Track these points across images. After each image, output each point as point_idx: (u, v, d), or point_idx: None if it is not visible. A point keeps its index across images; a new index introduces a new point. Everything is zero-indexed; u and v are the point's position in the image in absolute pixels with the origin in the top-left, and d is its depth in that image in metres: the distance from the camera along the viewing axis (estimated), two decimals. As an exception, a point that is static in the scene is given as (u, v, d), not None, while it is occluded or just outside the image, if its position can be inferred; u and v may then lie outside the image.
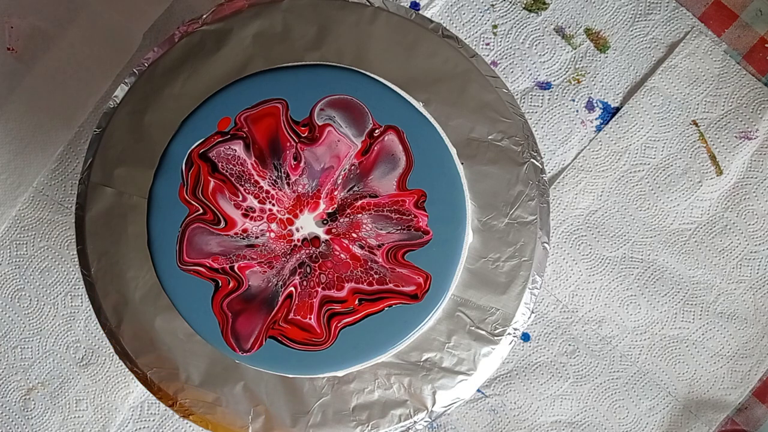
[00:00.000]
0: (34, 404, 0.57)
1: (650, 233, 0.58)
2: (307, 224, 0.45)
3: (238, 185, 0.45)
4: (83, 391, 0.58)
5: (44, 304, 0.58)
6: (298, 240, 0.45)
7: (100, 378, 0.58)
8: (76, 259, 0.47)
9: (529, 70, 0.58)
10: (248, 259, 0.45)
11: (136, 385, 0.57)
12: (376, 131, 0.46)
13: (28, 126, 0.59)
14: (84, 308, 0.58)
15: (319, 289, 0.45)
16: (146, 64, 0.47)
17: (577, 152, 0.58)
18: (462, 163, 0.46)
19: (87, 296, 0.47)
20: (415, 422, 0.45)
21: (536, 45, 0.58)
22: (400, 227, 0.45)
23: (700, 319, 0.58)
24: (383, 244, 0.45)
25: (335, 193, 0.46)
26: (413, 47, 0.47)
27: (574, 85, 0.58)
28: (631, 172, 0.58)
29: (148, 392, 0.46)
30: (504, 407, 0.58)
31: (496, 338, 0.46)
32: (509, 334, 0.46)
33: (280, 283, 0.45)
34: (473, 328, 0.46)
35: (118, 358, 0.46)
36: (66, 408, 0.58)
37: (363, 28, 0.47)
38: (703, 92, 0.58)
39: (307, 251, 0.45)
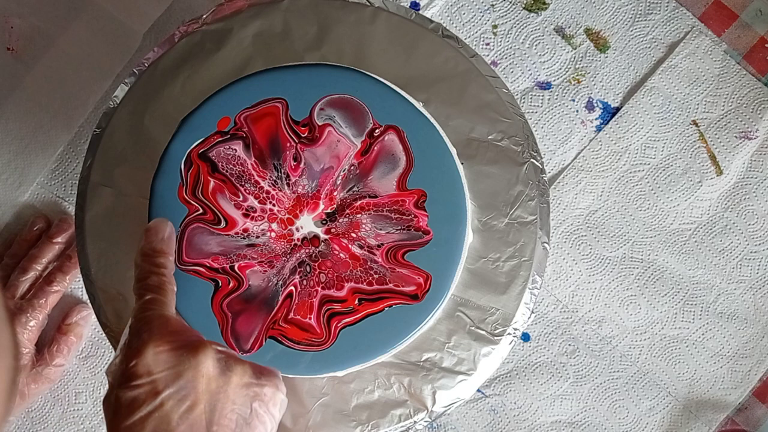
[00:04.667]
0: (33, 398, 0.58)
1: (650, 233, 0.58)
2: (307, 224, 0.45)
3: (238, 185, 0.45)
4: (82, 383, 0.58)
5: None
6: (298, 239, 0.45)
7: (99, 371, 0.58)
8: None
9: (529, 70, 0.58)
10: (248, 259, 0.45)
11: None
12: (376, 131, 0.46)
13: (28, 126, 0.59)
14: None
15: (319, 289, 0.45)
16: (146, 64, 0.47)
17: (577, 152, 0.58)
18: (462, 163, 0.46)
19: (87, 293, 0.47)
20: (415, 422, 0.45)
21: (536, 45, 0.58)
22: (399, 227, 0.45)
23: (700, 319, 0.58)
24: (383, 244, 0.45)
25: (335, 193, 0.46)
26: (413, 47, 0.47)
27: (574, 85, 0.58)
28: (631, 172, 0.58)
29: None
30: (504, 407, 0.58)
31: (496, 338, 0.46)
32: (509, 334, 0.46)
33: (280, 282, 0.45)
34: (473, 328, 0.46)
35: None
36: (65, 401, 0.58)
37: (363, 28, 0.47)
38: (703, 92, 0.58)
39: (307, 250, 0.45)
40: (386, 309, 0.45)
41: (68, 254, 0.57)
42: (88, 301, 0.57)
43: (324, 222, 0.45)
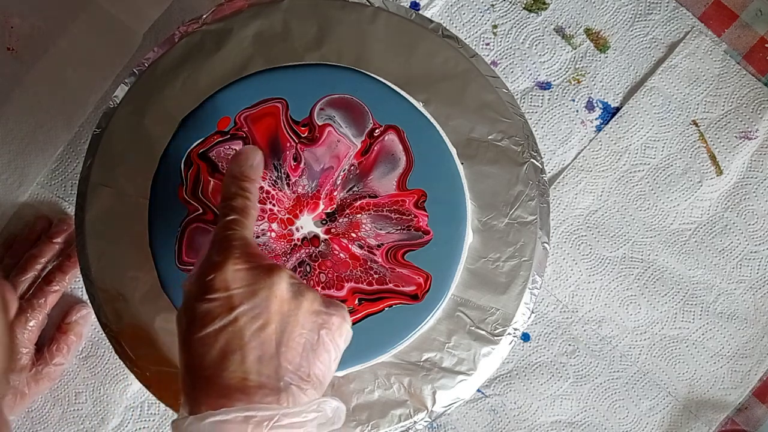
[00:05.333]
0: (34, 397, 0.58)
1: (650, 233, 0.58)
2: (307, 224, 0.45)
3: (238, 185, 0.45)
4: (82, 383, 0.58)
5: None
6: (298, 239, 0.45)
7: (99, 371, 0.58)
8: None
9: (529, 70, 0.58)
10: (248, 259, 0.45)
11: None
12: (377, 131, 0.46)
13: (28, 126, 0.59)
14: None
15: (319, 289, 0.45)
16: (146, 64, 0.47)
17: (577, 152, 0.58)
18: (462, 163, 0.46)
19: (86, 293, 0.47)
20: (415, 422, 0.45)
21: (536, 45, 0.58)
22: (399, 227, 0.45)
23: (700, 319, 0.58)
24: (383, 244, 0.45)
25: (335, 193, 0.46)
26: (413, 47, 0.47)
27: (574, 85, 0.58)
28: (631, 172, 0.58)
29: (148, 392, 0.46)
30: (504, 407, 0.58)
31: (496, 338, 0.46)
32: (509, 334, 0.46)
33: (280, 283, 0.45)
34: (473, 328, 0.46)
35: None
36: (65, 401, 0.58)
37: (363, 28, 0.47)
38: (703, 92, 0.58)
39: (307, 250, 0.45)
40: (386, 309, 0.45)
41: (68, 254, 0.57)
42: (88, 300, 0.57)
43: (324, 222, 0.46)
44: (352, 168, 0.46)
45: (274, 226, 0.45)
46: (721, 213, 0.58)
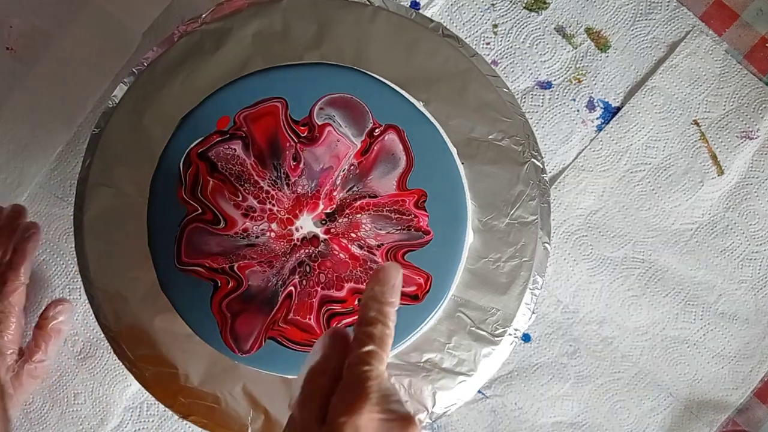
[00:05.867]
0: (33, 398, 0.57)
1: (651, 233, 0.58)
2: (307, 224, 0.45)
3: (237, 185, 0.45)
4: (81, 384, 0.58)
5: (42, 297, 0.58)
6: (298, 240, 0.45)
7: (98, 371, 0.58)
8: (74, 253, 0.47)
9: (530, 69, 0.58)
10: (248, 259, 0.45)
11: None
12: (376, 130, 0.45)
13: (28, 126, 0.59)
14: (82, 301, 0.58)
15: (319, 289, 0.45)
16: (145, 64, 0.47)
17: (578, 152, 0.58)
18: (462, 163, 0.46)
19: (86, 293, 0.47)
20: (415, 423, 0.45)
21: (537, 44, 0.58)
22: (400, 227, 0.45)
23: (702, 319, 0.58)
24: (383, 244, 0.45)
25: (334, 193, 0.45)
26: (413, 46, 0.47)
27: (574, 84, 0.58)
28: (632, 172, 0.58)
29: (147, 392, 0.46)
30: (504, 408, 0.58)
31: (496, 339, 0.46)
32: (510, 334, 0.46)
33: (280, 282, 0.45)
34: (474, 328, 0.46)
35: (116, 353, 0.46)
36: (64, 401, 0.58)
37: (363, 27, 0.47)
38: (704, 92, 0.58)
39: (307, 250, 0.45)
40: (386, 309, 0.44)
41: (14, 248, 0.55)
42: (70, 296, 0.57)
43: (323, 222, 0.45)
44: (351, 168, 0.45)
45: (274, 226, 0.45)
46: (723, 213, 0.58)
